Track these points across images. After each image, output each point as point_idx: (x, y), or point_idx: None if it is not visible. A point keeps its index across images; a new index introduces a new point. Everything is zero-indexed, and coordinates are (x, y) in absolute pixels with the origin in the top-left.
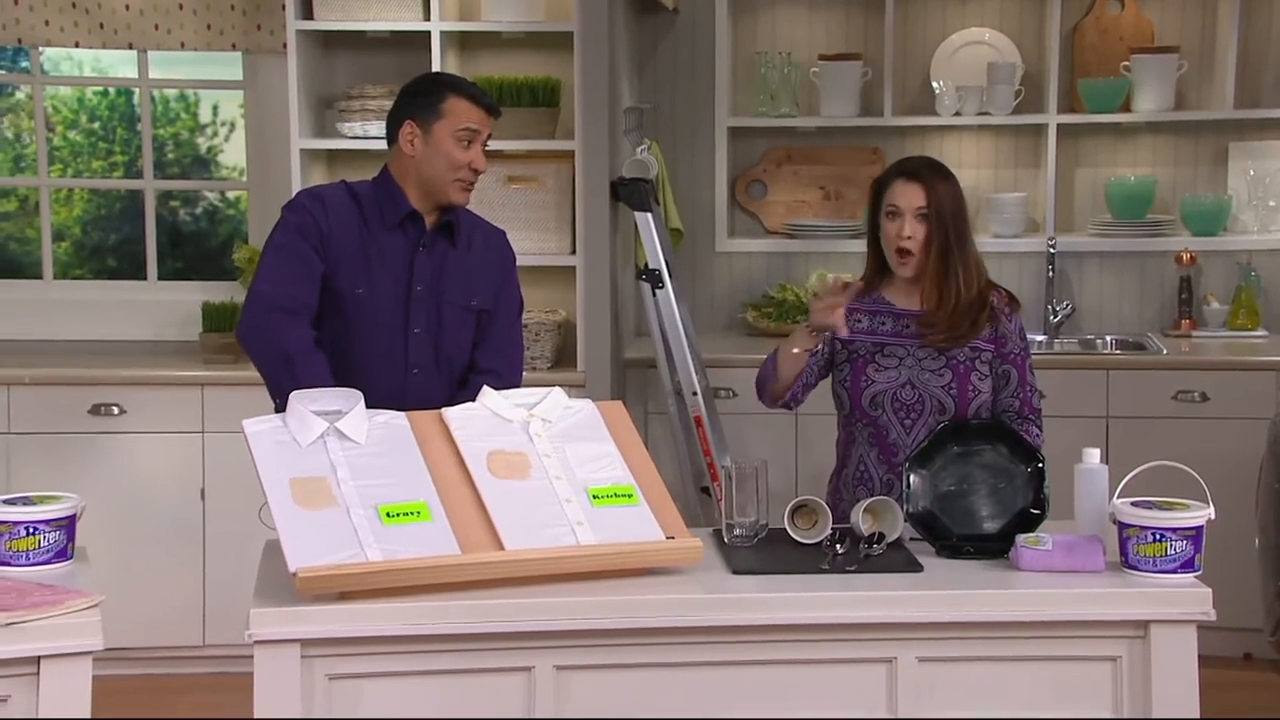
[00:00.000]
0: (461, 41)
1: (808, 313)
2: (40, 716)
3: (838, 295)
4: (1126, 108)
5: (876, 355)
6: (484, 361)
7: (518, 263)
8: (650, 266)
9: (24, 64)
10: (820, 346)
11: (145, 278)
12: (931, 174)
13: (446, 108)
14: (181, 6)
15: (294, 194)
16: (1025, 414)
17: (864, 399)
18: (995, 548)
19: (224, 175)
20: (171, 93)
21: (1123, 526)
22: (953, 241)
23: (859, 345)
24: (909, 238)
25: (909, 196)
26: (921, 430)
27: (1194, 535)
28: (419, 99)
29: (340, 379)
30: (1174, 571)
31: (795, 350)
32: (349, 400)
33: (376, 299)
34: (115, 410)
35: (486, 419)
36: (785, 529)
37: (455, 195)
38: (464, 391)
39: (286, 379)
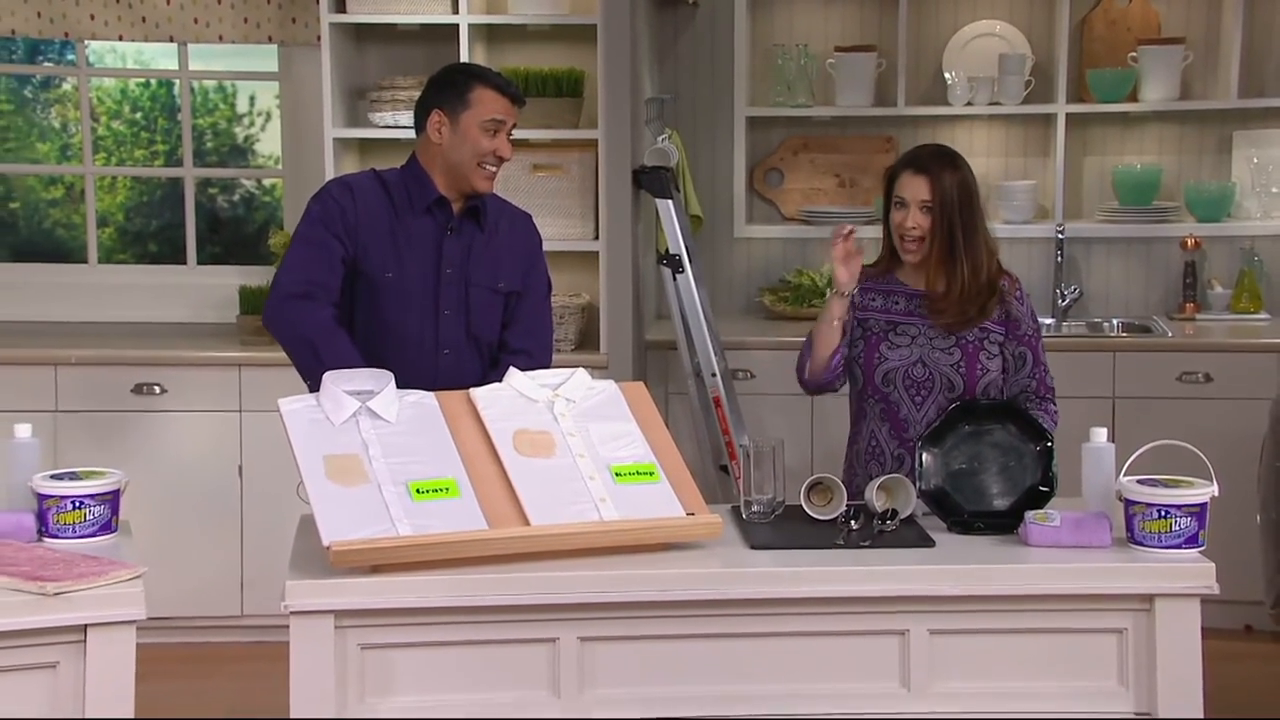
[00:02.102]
0: (488, 34)
1: (823, 297)
2: (87, 682)
3: (852, 250)
4: (1133, 97)
5: (889, 333)
6: (515, 342)
7: (543, 248)
8: (671, 252)
9: (70, 57)
10: (850, 318)
11: (185, 262)
12: (939, 166)
13: (474, 98)
14: (220, 1)
15: (326, 181)
16: (1041, 394)
17: (877, 375)
18: (1005, 524)
19: (260, 163)
20: (210, 84)
21: (1129, 503)
22: (958, 231)
23: (873, 323)
24: (913, 228)
25: (914, 189)
26: (931, 407)
27: (1198, 512)
28: (447, 89)
29: (373, 360)
30: (1178, 547)
31: (835, 321)
32: (380, 380)
33: (406, 282)
34: (157, 389)
35: (513, 399)
36: (801, 505)
37: (479, 183)
38: (495, 371)
39: (311, 360)
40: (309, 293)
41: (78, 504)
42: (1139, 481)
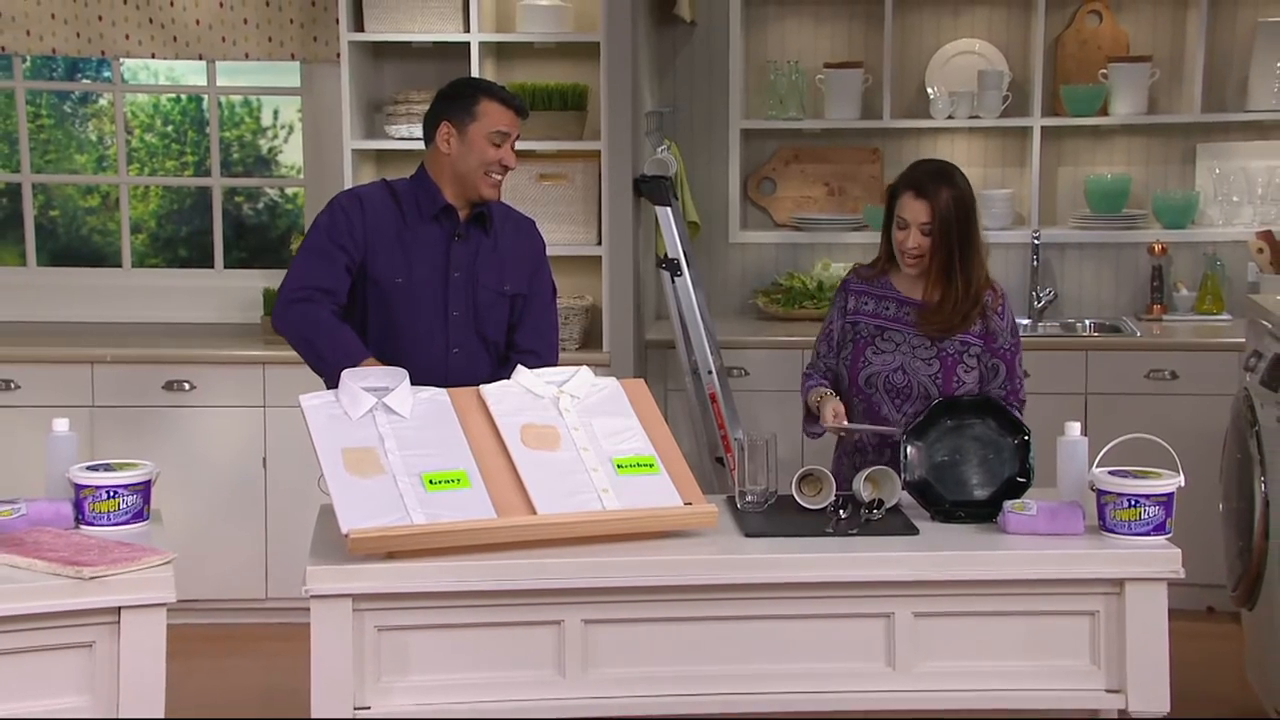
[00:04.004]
0: (498, 51)
1: (813, 299)
2: (121, 660)
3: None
4: (1104, 111)
5: (876, 339)
6: (524, 342)
7: (549, 253)
8: (670, 256)
9: (106, 74)
10: (843, 322)
11: (213, 266)
12: (938, 187)
13: (480, 110)
14: (246, 21)
15: (343, 190)
16: (1011, 403)
17: (861, 378)
18: (985, 513)
19: (283, 173)
20: (236, 98)
21: (1101, 493)
22: (955, 249)
23: (863, 326)
24: (914, 248)
25: (915, 211)
26: (910, 411)
27: (1165, 501)
28: (455, 102)
29: (387, 359)
30: (1147, 534)
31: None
32: (395, 378)
33: (416, 286)
34: (186, 386)
35: (520, 395)
36: (793, 496)
37: (486, 191)
38: (504, 370)
39: (315, 356)
40: (307, 296)
41: (112, 494)
42: (1110, 473)
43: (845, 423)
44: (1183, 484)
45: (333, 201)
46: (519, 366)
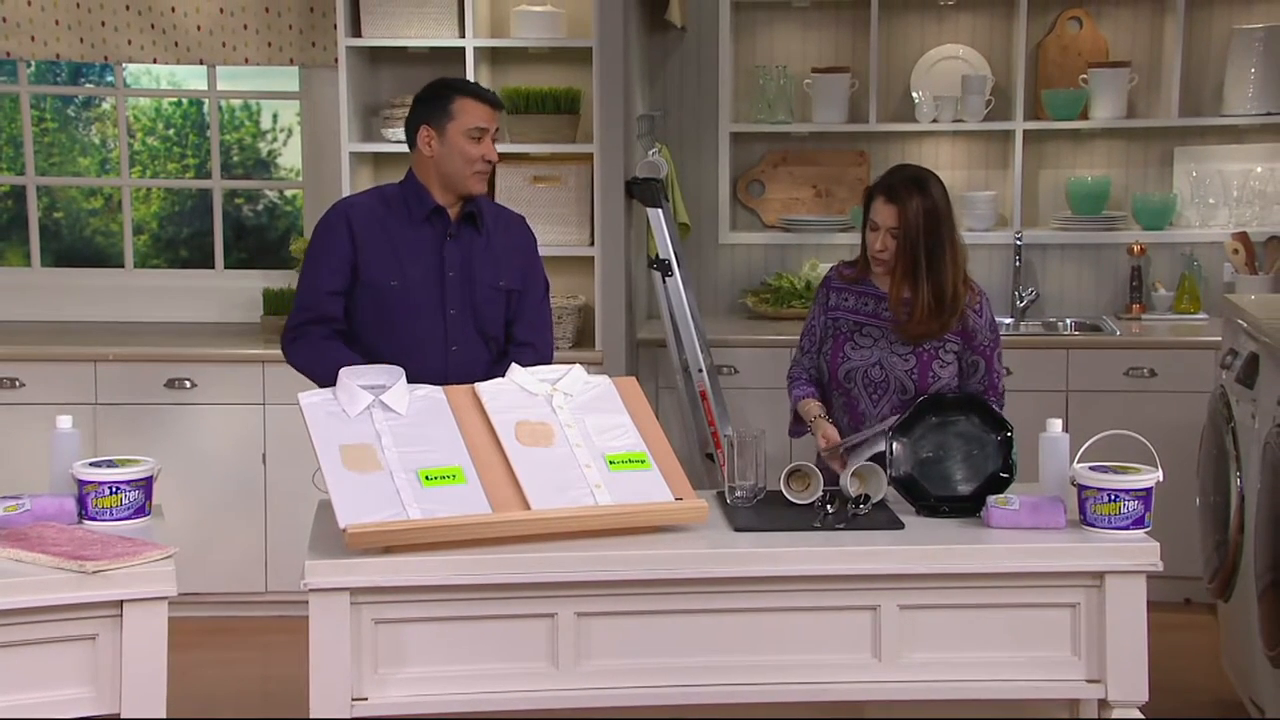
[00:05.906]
0: (492, 56)
1: (801, 299)
2: (124, 652)
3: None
4: (1084, 116)
5: (855, 334)
6: (521, 335)
7: (542, 253)
8: (661, 257)
9: (109, 78)
10: (824, 319)
11: (213, 266)
12: (909, 194)
13: (456, 109)
14: (245, 26)
15: (342, 194)
16: (990, 398)
17: (840, 373)
18: (969, 507)
19: (282, 175)
20: (236, 102)
21: (1081, 488)
22: (921, 255)
23: (843, 322)
24: (881, 250)
25: (885, 215)
26: (886, 405)
27: (1144, 496)
28: (431, 104)
29: (388, 360)
30: (1126, 528)
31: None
32: (392, 376)
33: (412, 288)
34: (188, 384)
35: (514, 393)
36: (781, 491)
37: (474, 186)
38: (502, 365)
39: (314, 382)
40: (303, 332)
41: (115, 489)
42: (1091, 468)
43: (838, 447)
44: (1161, 479)
45: (324, 218)
46: (513, 365)
